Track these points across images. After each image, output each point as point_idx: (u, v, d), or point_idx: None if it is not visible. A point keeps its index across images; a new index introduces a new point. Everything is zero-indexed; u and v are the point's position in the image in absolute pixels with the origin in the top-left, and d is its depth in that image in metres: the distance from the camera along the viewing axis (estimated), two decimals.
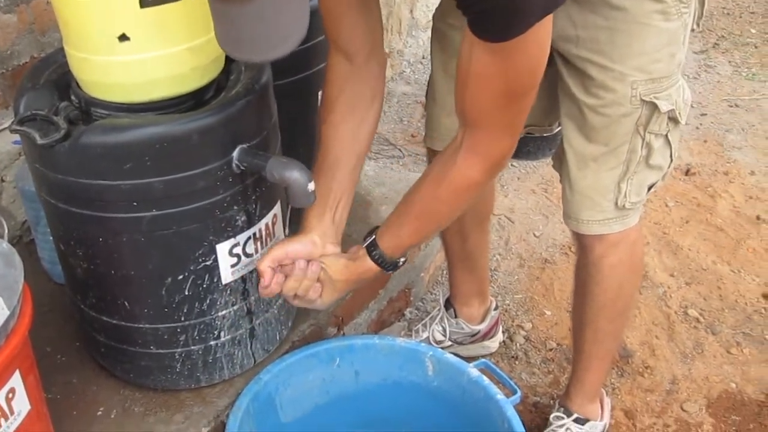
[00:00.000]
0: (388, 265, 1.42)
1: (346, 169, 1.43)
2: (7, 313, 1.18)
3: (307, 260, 1.38)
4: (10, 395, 1.18)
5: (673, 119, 1.47)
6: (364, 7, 1.37)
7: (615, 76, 1.41)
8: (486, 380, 1.58)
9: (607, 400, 1.91)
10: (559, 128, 1.83)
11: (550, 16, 1.12)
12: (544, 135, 2.83)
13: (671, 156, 1.52)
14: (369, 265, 1.41)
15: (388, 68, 1.52)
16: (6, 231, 1.28)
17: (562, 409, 1.85)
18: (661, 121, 1.45)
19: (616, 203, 1.53)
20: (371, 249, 1.40)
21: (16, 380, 1.19)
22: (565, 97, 1.51)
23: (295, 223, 1.49)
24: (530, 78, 1.20)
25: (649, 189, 1.55)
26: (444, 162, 1.33)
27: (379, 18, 1.42)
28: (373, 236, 1.41)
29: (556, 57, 1.48)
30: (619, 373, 2.11)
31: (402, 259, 1.44)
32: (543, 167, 2.94)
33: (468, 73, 1.20)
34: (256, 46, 1.05)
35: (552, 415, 1.86)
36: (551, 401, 2.00)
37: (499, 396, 1.55)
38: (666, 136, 1.48)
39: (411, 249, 1.47)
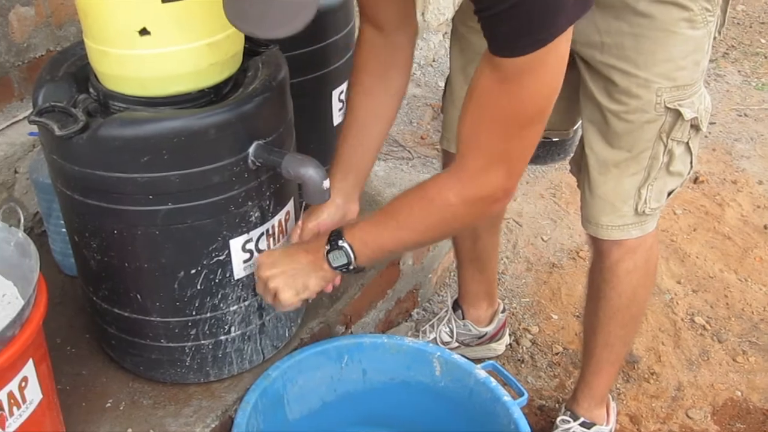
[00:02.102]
0: (335, 248, 1.32)
1: (372, 133, 1.44)
2: (23, 302, 1.19)
3: None
4: (23, 384, 1.19)
5: (695, 126, 1.47)
6: None
7: (640, 82, 1.41)
8: (493, 382, 1.59)
9: (613, 405, 1.91)
10: (572, 134, 1.84)
11: (564, 44, 1.07)
12: (554, 140, 2.85)
13: (691, 163, 1.53)
14: (320, 243, 1.34)
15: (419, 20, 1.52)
16: (22, 221, 1.28)
17: (568, 412, 1.86)
18: (684, 129, 1.46)
19: (636, 209, 1.53)
20: (333, 234, 1.33)
21: (29, 369, 1.20)
22: (588, 102, 1.51)
23: None
24: (537, 106, 1.12)
25: (669, 195, 1.55)
26: (433, 178, 1.28)
27: None
28: (340, 230, 1.34)
29: (579, 62, 1.48)
30: (625, 378, 2.12)
31: (349, 256, 1.32)
32: (552, 172, 2.95)
33: (472, 91, 1.16)
34: (262, 22, 1.04)
35: (558, 419, 1.86)
36: (557, 405, 2.00)
37: (506, 397, 1.56)
38: (687, 143, 1.49)
39: (373, 256, 1.35)
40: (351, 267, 1.34)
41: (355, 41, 1.49)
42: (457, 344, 2.09)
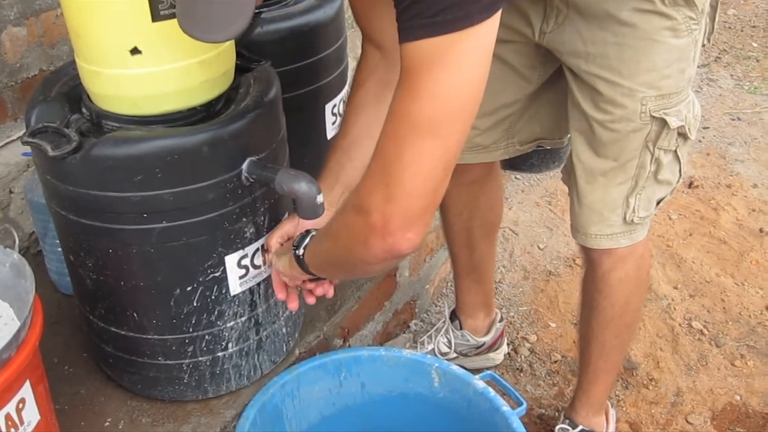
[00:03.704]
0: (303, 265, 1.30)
1: (361, 150, 1.43)
2: (19, 323, 1.19)
3: None
4: (21, 405, 1.19)
5: (683, 135, 1.47)
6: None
7: (624, 92, 1.42)
8: (492, 392, 1.59)
9: (612, 412, 1.91)
10: (566, 143, 1.85)
11: (475, 45, 0.95)
12: (548, 148, 2.85)
13: (680, 171, 1.53)
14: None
15: None
16: (17, 242, 1.28)
17: (567, 421, 1.86)
18: (671, 137, 1.46)
19: (625, 218, 1.54)
20: (296, 241, 1.32)
21: (26, 390, 1.20)
22: (575, 111, 1.52)
23: None
24: (430, 111, 0.97)
25: (658, 204, 1.56)
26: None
27: None
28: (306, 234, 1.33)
29: (566, 71, 1.49)
30: (624, 385, 2.12)
31: (306, 267, 1.30)
32: (547, 180, 2.95)
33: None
34: (202, 26, 1.03)
35: (557, 427, 1.86)
36: (556, 413, 2.00)
37: (505, 408, 1.55)
38: (675, 151, 1.49)
39: (316, 269, 1.30)
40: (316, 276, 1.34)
41: (345, 54, 1.48)
42: (455, 355, 2.09)
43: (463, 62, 0.96)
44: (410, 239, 1.03)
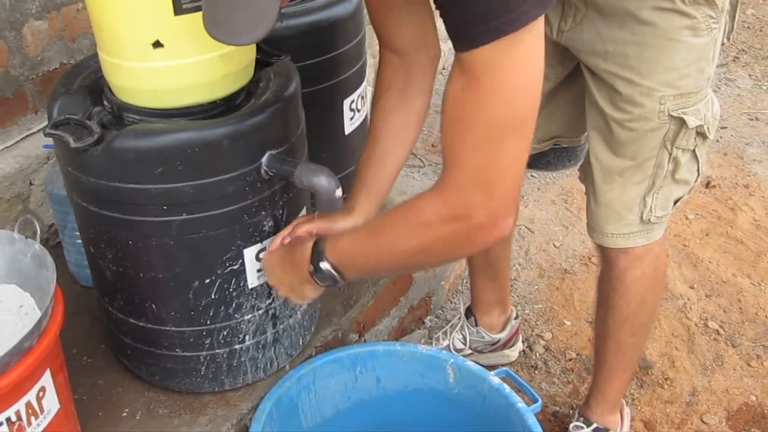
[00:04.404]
0: (318, 269, 1.24)
1: (393, 156, 1.44)
2: (40, 313, 1.21)
3: None
4: (41, 393, 1.20)
5: (701, 134, 1.47)
6: (409, 8, 1.36)
7: (643, 91, 1.42)
8: (507, 388, 1.59)
9: (627, 411, 1.91)
10: (583, 141, 1.85)
11: (531, 43, 0.96)
12: (564, 146, 2.84)
13: (698, 170, 1.53)
14: (306, 255, 1.26)
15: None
16: (39, 233, 1.30)
17: (582, 419, 1.86)
18: (689, 136, 1.46)
19: (642, 217, 1.53)
20: (317, 243, 1.26)
21: (47, 379, 1.22)
22: (592, 110, 1.51)
23: None
24: (510, 112, 0.99)
25: (675, 203, 1.55)
26: (414, 198, 1.14)
27: (429, 12, 1.35)
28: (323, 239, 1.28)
29: (584, 70, 1.49)
30: (639, 384, 2.11)
31: (335, 279, 1.25)
32: (563, 178, 2.95)
33: (444, 98, 1.04)
34: (226, 30, 1.05)
35: (572, 425, 1.86)
36: (570, 411, 2.00)
37: (520, 404, 1.56)
38: (693, 150, 1.48)
39: (352, 270, 1.25)
40: (339, 284, 1.27)
41: (364, 50, 1.49)
42: (470, 351, 2.09)
43: (530, 55, 0.98)
44: (512, 220, 1.07)
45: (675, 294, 2.42)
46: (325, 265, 1.23)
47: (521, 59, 0.97)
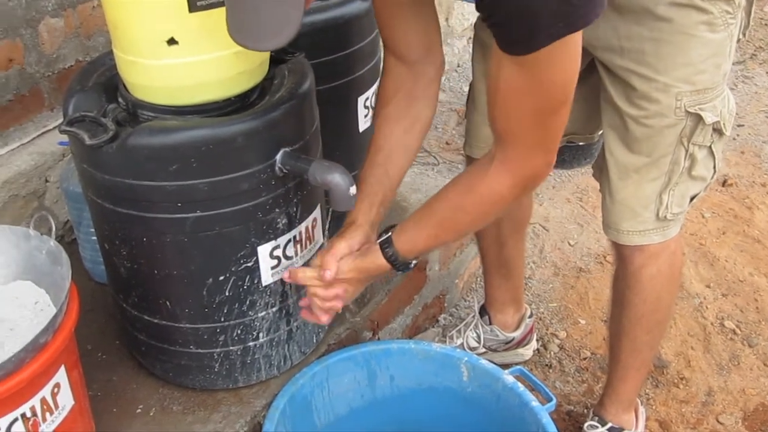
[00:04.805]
0: (400, 265, 1.38)
1: (397, 165, 1.44)
2: (55, 309, 1.21)
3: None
4: (56, 390, 1.21)
5: (718, 130, 1.46)
6: (417, 10, 1.37)
7: (659, 87, 1.41)
8: (521, 387, 1.59)
9: (641, 410, 1.90)
10: (597, 138, 1.84)
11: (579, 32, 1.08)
12: (581, 144, 2.83)
13: (714, 167, 1.52)
14: (380, 261, 1.37)
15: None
16: (54, 229, 1.30)
17: (596, 418, 1.85)
18: (706, 133, 1.45)
19: (657, 214, 1.52)
20: (385, 246, 1.37)
21: (61, 375, 1.22)
22: (608, 106, 1.50)
23: (335, 228, 1.51)
24: (560, 93, 1.15)
25: (691, 200, 1.54)
26: (474, 173, 1.30)
27: (435, 20, 1.41)
28: (389, 233, 1.38)
29: (599, 66, 1.48)
30: (654, 383, 2.10)
31: (414, 261, 1.41)
32: (578, 176, 2.93)
33: (497, 88, 1.17)
34: (251, 35, 1.07)
35: (586, 424, 1.86)
36: (585, 410, 1.99)
37: (534, 403, 1.55)
38: (710, 147, 1.48)
39: (426, 252, 1.46)
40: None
41: (378, 47, 1.49)
42: (484, 350, 2.08)
43: (578, 47, 1.10)
44: None
45: (691, 293, 2.40)
46: (405, 262, 1.38)
47: (573, 52, 1.10)
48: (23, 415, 1.15)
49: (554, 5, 1.02)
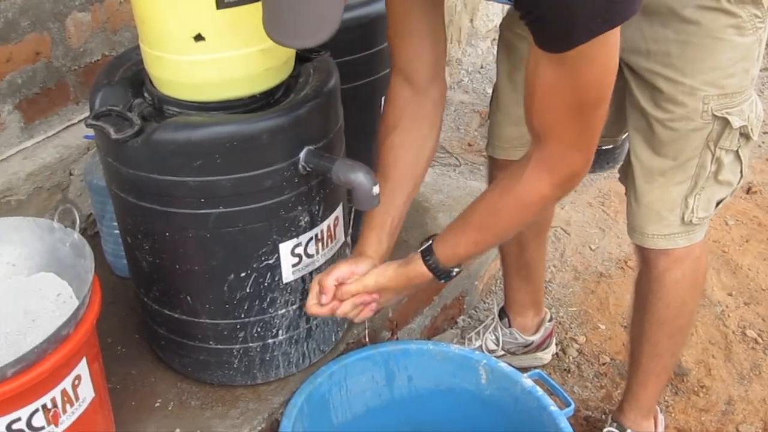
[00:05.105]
0: (442, 274, 1.39)
1: (404, 193, 1.44)
2: (77, 302, 1.22)
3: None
4: (77, 381, 1.21)
5: (745, 135, 1.45)
6: (431, 32, 1.38)
7: (685, 90, 1.40)
8: (540, 391, 1.58)
9: (660, 418, 1.88)
10: (621, 142, 1.83)
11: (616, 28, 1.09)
12: (604, 148, 2.81)
13: (741, 172, 1.50)
14: (421, 270, 1.39)
15: (447, 76, 1.52)
16: (78, 222, 1.31)
17: (615, 424, 1.83)
18: (733, 137, 1.43)
19: (683, 218, 1.51)
20: (426, 255, 1.38)
21: (82, 367, 1.23)
22: (633, 109, 1.49)
23: (358, 227, 1.51)
24: (599, 90, 1.16)
25: (717, 204, 1.53)
26: (512, 175, 1.29)
27: (443, 46, 1.42)
28: (430, 242, 1.39)
29: (625, 69, 1.47)
30: (674, 390, 2.08)
31: (456, 270, 1.41)
32: (600, 180, 2.92)
33: (534, 86, 1.18)
34: (290, 33, 1.08)
35: (605, 430, 1.84)
36: (603, 416, 1.98)
37: (553, 407, 1.54)
38: (737, 151, 1.46)
39: (467, 260, 1.43)
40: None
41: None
42: (502, 352, 2.07)
43: (616, 43, 1.10)
44: None
45: (713, 301, 2.38)
46: (446, 271, 1.39)
47: (611, 49, 1.10)
48: (44, 406, 1.16)
49: (592, 1, 1.03)
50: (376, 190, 1.31)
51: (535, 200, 1.28)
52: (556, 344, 2.18)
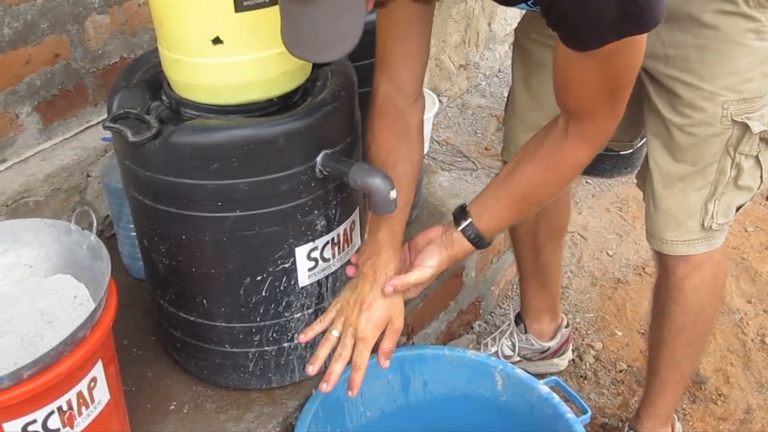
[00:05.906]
0: (485, 245, 1.41)
1: (400, 211, 1.41)
2: (94, 304, 1.22)
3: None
4: (92, 384, 1.21)
5: (765, 140, 1.43)
6: (419, 39, 1.38)
7: (704, 95, 1.39)
8: (556, 398, 1.56)
9: (678, 426, 1.86)
10: (637, 147, 1.81)
11: None
12: (621, 153, 2.80)
13: (761, 177, 1.49)
14: (465, 245, 1.39)
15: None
16: (95, 224, 1.31)
17: (632, 431, 1.82)
18: (753, 142, 1.42)
19: (702, 224, 1.50)
20: (468, 231, 1.37)
21: (98, 370, 1.22)
22: (652, 114, 1.48)
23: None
24: (628, 75, 1.19)
25: (737, 210, 1.51)
26: (552, 150, 1.31)
27: (427, 51, 1.42)
28: (469, 219, 1.37)
29: (643, 74, 1.46)
30: (692, 399, 2.06)
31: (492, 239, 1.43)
32: (618, 186, 2.90)
33: (566, 78, 1.21)
34: (310, 47, 1.07)
35: None
36: (620, 423, 1.96)
37: (569, 414, 1.53)
38: (757, 156, 1.45)
39: (504, 229, 1.57)
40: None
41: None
42: (518, 358, 2.06)
43: (640, 40, 1.13)
44: None
45: (732, 308, 2.36)
46: (489, 241, 1.40)
47: (640, 42, 1.12)
48: (59, 409, 1.16)
49: (621, 8, 1.05)
50: (393, 194, 1.30)
51: (578, 170, 1.34)
52: (573, 350, 2.16)
